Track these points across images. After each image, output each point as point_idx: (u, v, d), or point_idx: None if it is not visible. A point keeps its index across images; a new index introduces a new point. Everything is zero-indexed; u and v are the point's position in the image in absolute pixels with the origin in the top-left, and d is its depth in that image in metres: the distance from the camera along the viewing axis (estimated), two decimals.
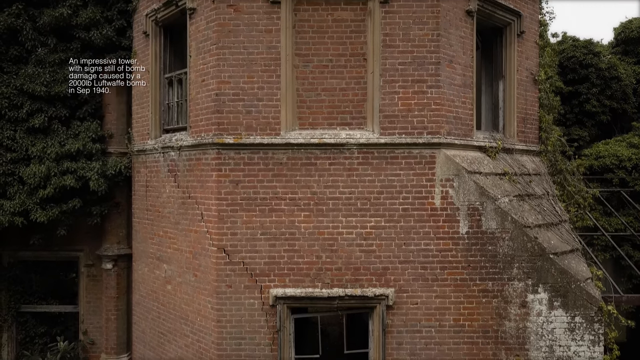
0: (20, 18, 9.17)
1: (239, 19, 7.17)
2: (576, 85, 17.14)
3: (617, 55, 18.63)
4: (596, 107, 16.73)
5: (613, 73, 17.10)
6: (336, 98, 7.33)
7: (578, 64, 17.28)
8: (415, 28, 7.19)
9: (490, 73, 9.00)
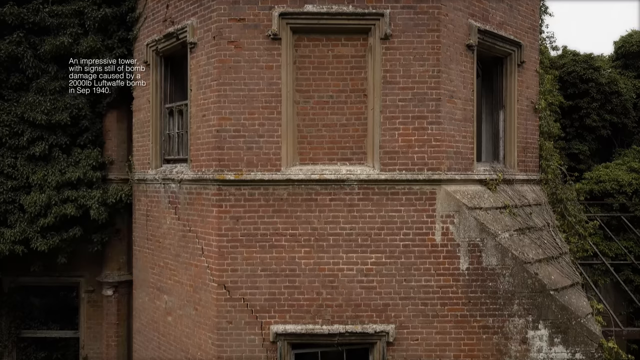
0: (21, 46, 9.18)
1: (240, 56, 7.18)
2: (576, 99, 17.17)
3: (618, 69, 18.66)
4: (596, 121, 16.75)
5: (613, 88, 17.13)
6: (336, 134, 7.34)
7: (578, 78, 17.30)
8: (416, 64, 7.20)
9: (490, 101, 9.00)
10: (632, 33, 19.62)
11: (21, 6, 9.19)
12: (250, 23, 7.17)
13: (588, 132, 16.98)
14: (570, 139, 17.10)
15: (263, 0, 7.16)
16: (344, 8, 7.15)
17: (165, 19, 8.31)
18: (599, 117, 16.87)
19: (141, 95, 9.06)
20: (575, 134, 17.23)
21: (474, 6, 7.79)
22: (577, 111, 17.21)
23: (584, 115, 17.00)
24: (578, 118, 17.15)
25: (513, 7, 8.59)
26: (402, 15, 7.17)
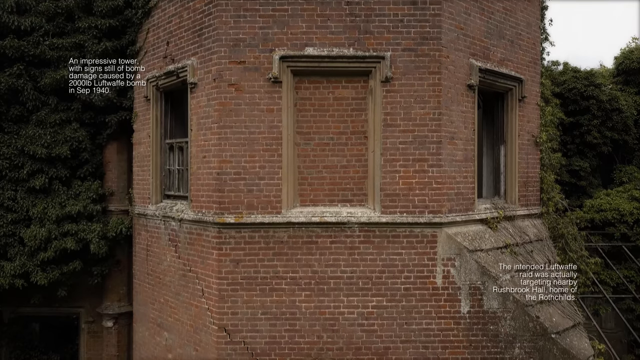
0: (22, 78, 9.19)
1: (241, 98, 7.16)
2: (577, 116, 17.15)
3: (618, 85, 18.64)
4: (597, 138, 16.74)
5: (614, 105, 17.12)
6: (337, 175, 7.32)
7: (579, 95, 17.28)
8: (417, 107, 7.18)
9: (491, 135, 8.98)
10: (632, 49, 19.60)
11: (22, 39, 9.19)
12: (251, 66, 7.15)
13: (589, 148, 16.98)
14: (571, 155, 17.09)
15: (264, 43, 7.15)
16: (344, 51, 7.13)
17: (166, 55, 8.30)
18: (600, 134, 16.87)
19: (141, 128, 9.04)
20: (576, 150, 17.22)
21: (475, 45, 7.77)
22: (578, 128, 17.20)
23: (585, 132, 17.00)
24: (579, 135, 17.14)
25: (514, 42, 8.57)
26: (403, 58, 7.15)
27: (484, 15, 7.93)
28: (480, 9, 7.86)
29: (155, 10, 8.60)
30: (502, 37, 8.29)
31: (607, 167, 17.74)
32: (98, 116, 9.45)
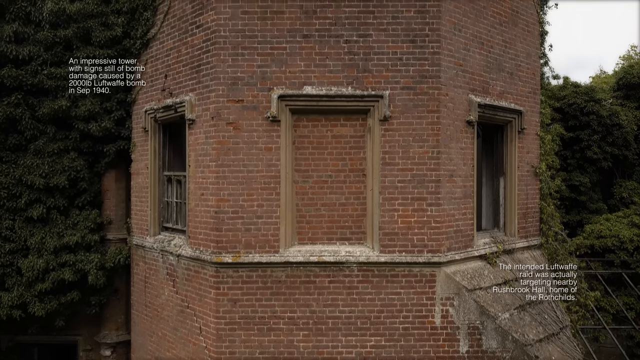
0: (20, 107, 9.15)
1: (239, 137, 7.13)
2: (577, 131, 17.14)
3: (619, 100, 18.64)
4: (597, 153, 16.73)
5: (614, 120, 17.11)
6: (335, 213, 7.29)
7: (579, 110, 17.27)
8: (415, 146, 7.15)
9: (490, 166, 8.95)
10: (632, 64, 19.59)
11: (20, 68, 9.15)
12: (249, 104, 7.12)
13: (589, 163, 16.97)
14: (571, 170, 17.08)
15: (262, 82, 7.12)
16: (342, 90, 7.10)
17: (164, 88, 8.27)
18: (600, 150, 16.86)
19: (140, 159, 9.01)
20: (576, 165, 17.20)
21: (475, 80, 7.74)
22: (578, 143, 17.20)
23: (585, 147, 16.99)
24: (579, 150, 17.13)
25: (514, 74, 8.54)
26: (402, 97, 7.12)
27: (483, 49, 7.90)
28: (480, 43, 7.83)
29: (153, 42, 8.56)
30: (501, 69, 8.26)
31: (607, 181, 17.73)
32: (96, 145, 9.41)
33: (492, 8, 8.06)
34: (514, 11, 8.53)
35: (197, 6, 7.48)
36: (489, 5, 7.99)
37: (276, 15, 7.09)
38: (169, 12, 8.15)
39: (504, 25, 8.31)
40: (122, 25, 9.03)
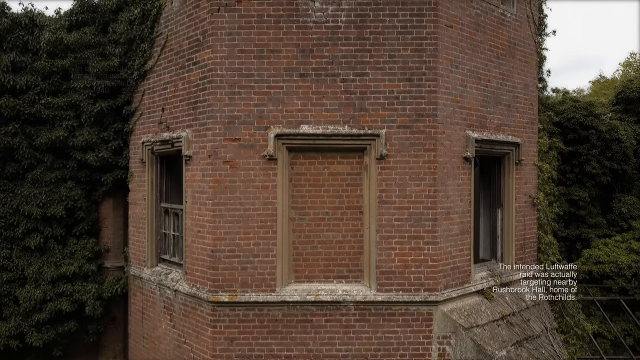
0: (17, 137, 9.15)
1: (236, 176, 7.13)
2: (576, 145, 17.10)
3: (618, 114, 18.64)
4: (596, 168, 16.68)
5: (613, 135, 17.09)
6: (332, 251, 7.28)
7: (578, 125, 17.24)
8: (412, 184, 7.14)
9: (488, 196, 8.94)
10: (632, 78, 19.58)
11: (17, 97, 9.15)
12: (246, 143, 7.12)
13: (588, 178, 16.93)
14: (570, 185, 17.04)
15: (259, 121, 7.11)
16: (339, 129, 7.09)
17: (161, 121, 8.27)
18: (599, 164, 16.82)
19: (137, 189, 9.01)
20: (575, 180, 17.16)
21: (472, 116, 7.74)
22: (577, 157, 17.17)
23: (584, 162, 16.95)
24: (578, 164, 17.09)
25: (511, 106, 8.54)
26: (398, 135, 7.12)
27: (480, 84, 7.89)
28: (477, 78, 7.82)
29: (150, 74, 8.56)
30: (498, 102, 8.26)
31: (606, 195, 17.70)
32: (94, 174, 9.41)
33: (490, 42, 8.05)
34: (512, 43, 8.53)
35: (194, 43, 7.47)
36: (486, 40, 7.98)
37: (273, 54, 7.09)
38: (166, 46, 8.15)
39: (501, 58, 8.31)
40: (119, 56, 9.04)
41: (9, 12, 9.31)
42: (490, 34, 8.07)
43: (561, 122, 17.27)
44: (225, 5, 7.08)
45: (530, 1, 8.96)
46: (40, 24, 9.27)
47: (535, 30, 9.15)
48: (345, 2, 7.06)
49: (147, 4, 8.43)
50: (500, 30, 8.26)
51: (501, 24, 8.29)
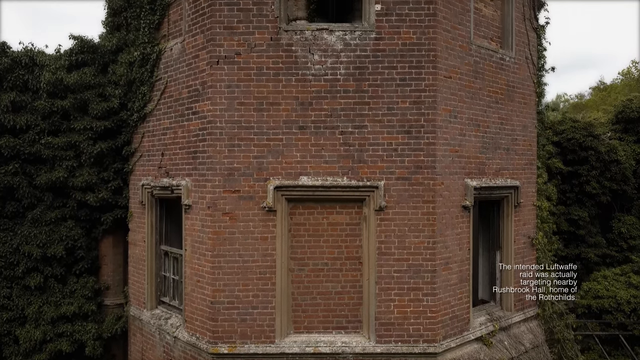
0: (17, 176, 9.18)
1: (235, 227, 7.15)
2: (576, 165, 17.16)
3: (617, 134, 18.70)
4: (596, 188, 16.74)
5: (613, 156, 17.15)
6: (332, 302, 7.30)
7: (578, 145, 17.30)
8: (411, 236, 7.16)
9: (487, 236, 8.96)
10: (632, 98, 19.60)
11: (17, 137, 9.18)
12: (245, 195, 7.14)
13: (588, 198, 17.00)
14: (570, 204, 17.09)
15: (258, 172, 7.13)
16: (338, 180, 7.11)
17: (161, 166, 8.29)
18: (599, 184, 16.88)
19: (137, 230, 9.03)
20: (575, 199, 17.21)
21: (471, 164, 7.76)
22: (577, 177, 17.22)
23: (584, 182, 17.01)
24: (578, 184, 17.15)
25: (510, 149, 8.56)
26: (397, 187, 7.14)
27: (479, 131, 7.92)
28: (476, 125, 7.85)
29: (150, 117, 8.59)
30: (497, 147, 8.28)
31: (606, 215, 17.75)
32: (94, 213, 9.43)
33: (488, 88, 8.08)
34: (510, 86, 8.55)
35: (193, 92, 7.50)
36: (485, 86, 8.00)
37: (272, 107, 7.11)
38: (165, 91, 8.18)
39: (500, 103, 8.33)
40: (119, 97, 9.06)
41: (9, 51, 9.33)
42: (489, 80, 8.09)
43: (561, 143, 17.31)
44: (224, 57, 7.10)
45: (529, 42, 8.98)
46: (40, 62, 9.29)
47: (534, 71, 9.17)
48: (344, 55, 7.09)
49: (147, 48, 8.45)
50: (499, 74, 8.28)
51: (500, 68, 8.31)
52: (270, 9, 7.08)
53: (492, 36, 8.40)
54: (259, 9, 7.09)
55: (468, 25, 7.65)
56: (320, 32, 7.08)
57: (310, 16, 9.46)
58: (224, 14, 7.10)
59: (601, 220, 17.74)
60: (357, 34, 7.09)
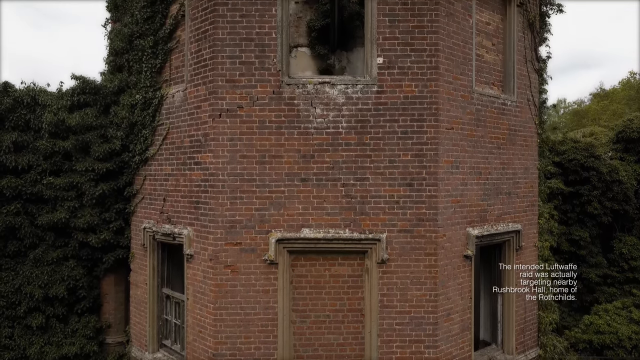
0: (19, 216, 9.17)
1: (237, 280, 7.15)
2: (577, 186, 17.14)
3: (618, 153, 18.71)
4: (597, 209, 16.74)
5: (614, 177, 17.15)
6: (334, 354, 7.30)
7: (579, 166, 17.29)
8: (413, 288, 7.17)
9: (489, 278, 8.96)
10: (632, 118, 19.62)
11: (19, 176, 9.18)
12: (247, 247, 7.15)
13: (589, 218, 17.01)
14: (571, 224, 17.09)
15: (260, 225, 7.14)
16: (340, 232, 7.12)
17: (162, 211, 8.29)
18: (600, 205, 16.88)
19: (138, 271, 9.03)
20: (576, 219, 17.21)
21: (472, 212, 7.76)
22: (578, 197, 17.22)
23: (585, 202, 17.00)
24: (579, 204, 17.14)
25: (511, 193, 8.56)
26: (399, 240, 7.14)
27: (481, 178, 7.92)
28: (478, 174, 7.85)
29: (152, 161, 8.59)
30: (499, 192, 8.28)
31: (607, 234, 17.76)
32: (95, 252, 9.42)
33: (490, 134, 8.08)
34: (512, 130, 8.55)
35: (195, 142, 7.51)
36: (486, 133, 8.01)
37: (274, 159, 7.12)
38: (167, 137, 8.18)
39: (502, 148, 8.33)
40: (120, 139, 9.06)
41: (11, 91, 9.33)
42: (491, 126, 8.10)
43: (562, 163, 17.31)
44: (226, 110, 7.11)
45: (530, 84, 8.98)
46: (42, 102, 9.28)
47: (536, 112, 9.18)
48: (346, 109, 7.10)
49: (149, 92, 8.46)
50: (500, 120, 8.29)
51: (502, 113, 8.32)
52: (273, 62, 7.09)
53: (494, 81, 8.41)
54: (261, 62, 7.10)
55: (470, 75, 7.66)
56: (322, 86, 7.09)
57: (311, 43, 9.46)
58: (226, 67, 7.11)
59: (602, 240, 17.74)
60: (359, 87, 7.10)
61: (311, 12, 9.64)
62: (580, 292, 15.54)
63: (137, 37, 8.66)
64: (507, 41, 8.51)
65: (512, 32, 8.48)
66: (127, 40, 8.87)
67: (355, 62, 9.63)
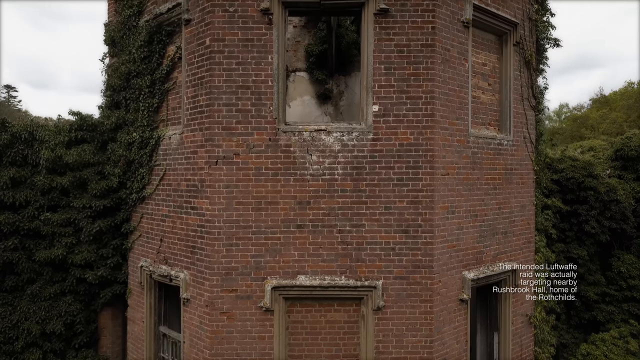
0: (17, 252, 9.18)
1: (232, 326, 7.17)
2: (575, 205, 17.18)
3: (617, 170, 18.74)
4: (595, 228, 16.78)
5: (612, 196, 17.18)
6: None
7: (577, 185, 17.34)
8: (409, 335, 7.19)
9: (485, 317, 8.97)
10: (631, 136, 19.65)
11: (17, 212, 9.20)
12: (243, 294, 7.16)
13: (587, 236, 17.05)
14: (569, 242, 17.13)
15: (256, 272, 7.16)
16: (336, 279, 7.14)
17: (159, 251, 8.31)
18: (598, 224, 16.92)
19: (135, 307, 9.05)
20: (575, 237, 17.26)
21: (468, 255, 7.77)
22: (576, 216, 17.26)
23: (583, 221, 17.04)
24: (577, 223, 17.18)
25: (508, 232, 8.57)
26: (395, 286, 7.16)
27: (477, 221, 7.93)
28: (474, 217, 7.86)
29: (149, 200, 8.61)
30: (495, 233, 8.29)
31: (605, 252, 17.80)
32: (92, 288, 9.44)
33: (487, 176, 8.10)
34: (508, 169, 8.56)
35: (192, 187, 7.52)
36: (483, 175, 8.02)
37: (270, 206, 7.14)
38: (164, 178, 8.20)
39: (498, 188, 8.35)
40: (118, 176, 9.07)
41: (9, 126, 9.36)
42: (487, 167, 8.11)
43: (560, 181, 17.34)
44: (223, 158, 7.13)
45: (527, 121, 9.00)
46: (39, 137, 9.31)
47: (532, 149, 9.19)
48: (342, 156, 7.11)
49: (146, 132, 8.48)
50: (497, 160, 8.30)
51: (498, 153, 8.34)
52: (269, 110, 7.11)
53: (490, 121, 8.43)
54: (258, 110, 7.12)
55: (466, 118, 7.68)
56: (318, 133, 7.11)
57: (309, 68, 9.51)
58: (222, 115, 7.13)
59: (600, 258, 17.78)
60: (354, 134, 7.12)
61: (309, 36, 9.68)
62: (578, 310, 15.63)
63: (134, 75, 8.68)
64: (504, 81, 8.53)
65: (508, 72, 8.50)
66: (124, 78, 8.90)
67: (353, 86, 9.69)
